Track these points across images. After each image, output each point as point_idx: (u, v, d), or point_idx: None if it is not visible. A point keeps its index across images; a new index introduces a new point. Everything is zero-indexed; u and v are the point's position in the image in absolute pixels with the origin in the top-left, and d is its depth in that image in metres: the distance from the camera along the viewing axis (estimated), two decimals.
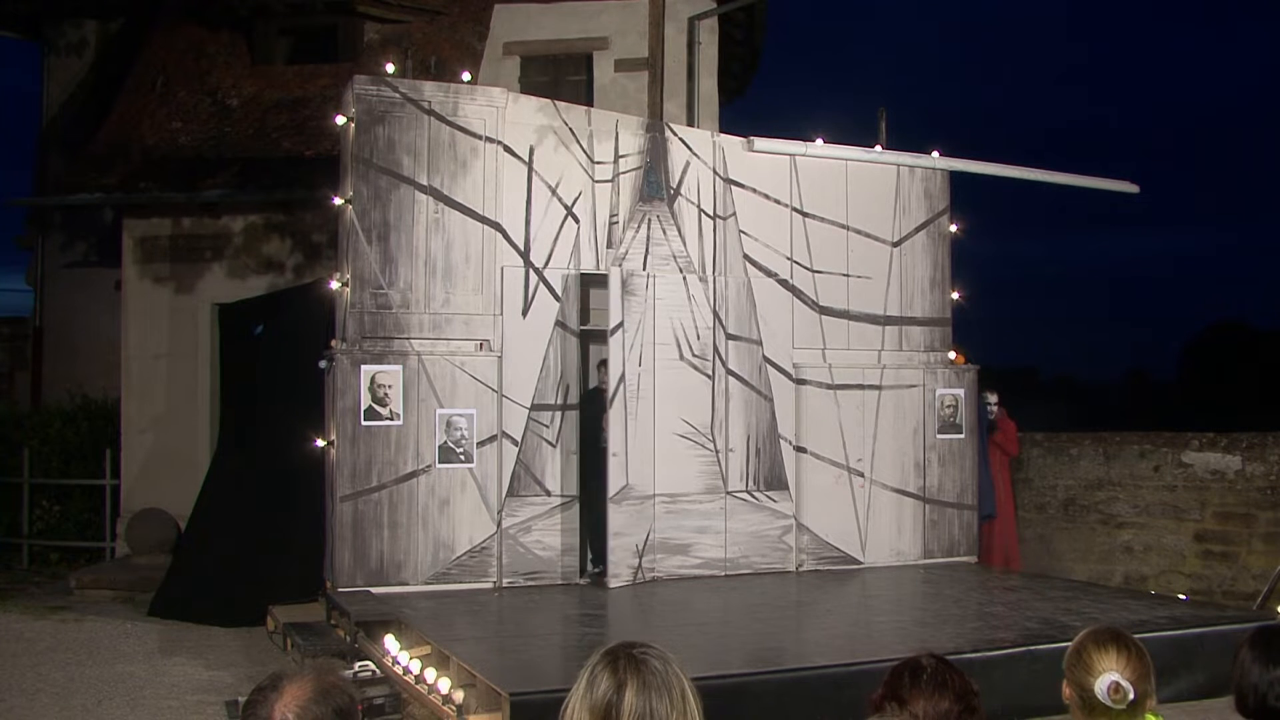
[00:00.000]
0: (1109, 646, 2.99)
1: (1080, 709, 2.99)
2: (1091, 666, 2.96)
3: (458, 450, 9.23)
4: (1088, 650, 3.00)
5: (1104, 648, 2.99)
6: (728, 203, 10.27)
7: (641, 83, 14.12)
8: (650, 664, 2.26)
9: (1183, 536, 11.52)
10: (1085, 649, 3.01)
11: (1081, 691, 2.98)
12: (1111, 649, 2.98)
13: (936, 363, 10.89)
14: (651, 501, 9.72)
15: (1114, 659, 2.96)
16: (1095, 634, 3.06)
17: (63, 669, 8.47)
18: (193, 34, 14.13)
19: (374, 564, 8.97)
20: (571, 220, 9.80)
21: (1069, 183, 11.79)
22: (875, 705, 2.61)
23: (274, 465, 10.06)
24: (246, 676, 8.07)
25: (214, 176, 12.78)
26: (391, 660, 7.22)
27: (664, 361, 9.88)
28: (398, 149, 9.30)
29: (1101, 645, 3.00)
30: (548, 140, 9.78)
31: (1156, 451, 11.71)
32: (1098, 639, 3.03)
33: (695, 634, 7.93)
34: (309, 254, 12.81)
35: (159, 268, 13.00)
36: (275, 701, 2.19)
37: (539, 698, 5.74)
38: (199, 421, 12.78)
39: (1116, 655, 2.97)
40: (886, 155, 10.87)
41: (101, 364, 14.03)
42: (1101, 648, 2.99)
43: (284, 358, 10.53)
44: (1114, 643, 3.00)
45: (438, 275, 9.34)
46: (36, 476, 13.53)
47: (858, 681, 6.21)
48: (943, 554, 10.65)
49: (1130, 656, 2.97)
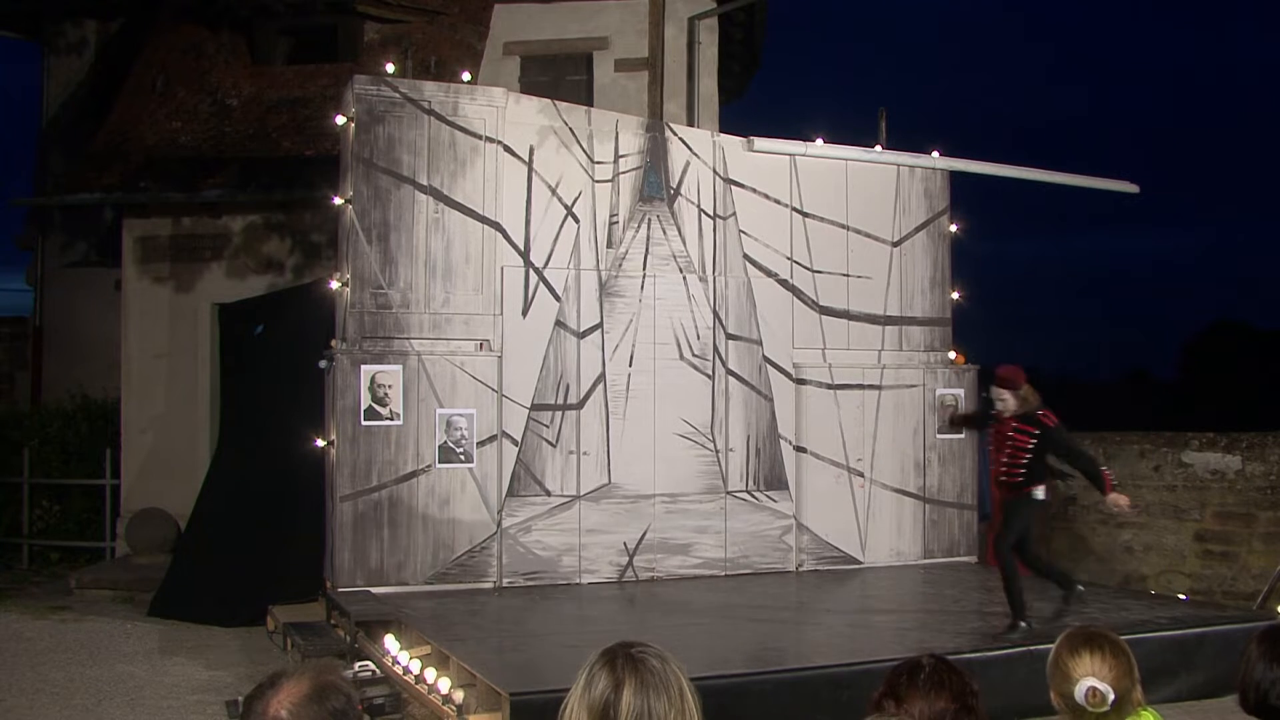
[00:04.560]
0: (1082, 651, 2.99)
1: (1068, 714, 3.00)
2: (1068, 673, 2.97)
3: (458, 450, 9.23)
4: (1062, 657, 3.01)
5: (1077, 653, 2.99)
6: (728, 202, 10.27)
7: (641, 83, 14.12)
8: (648, 663, 2.26)
9: (1183, 536, 11.51)
10: (1060, 656, 3.02)
11: (1064, 699, 2.99)
12: (1084, 653, 2.98)
13: (936, 363, 10.89)
14: (650, 501, 9.74)
15: (1089, 663, 2.96)
16: (1069, 639, 3.06)
17: (63, 669, 8.47)
18: (193, 34, 14.12)
19: (374, 564, 8.97)
20: (571, 220, 9.80)
21: (1069, 183, 11.79)
22: (875, 704, 2.62)
23: (274, 465, 10.05)
24: (246, 676, 8.07)
25: (214, 176, 12.77)
26: (391, 660, 7.22)
27: (664, 361, 9.90)
28: (398, 149, 9.30)
29: (1075, 651, 3.00)
30: (548, 140, 9.78)
31: (1156, 451, 11.70)
32: (1071, 645, 3.03)
33: (695, 634, 7.94)
34: (309, 254, 12.81)
35: (159, 267, 13.00)
36: (273, 700, 2.19)
37: (539, 698, 5.74)
38: (199, 421, 12.78)
39: (1090, 658, 2.97)
40: (886, 155, 10.87)
41: (101, 364, 14.02)
42: (1075, 654, 2.99)
43: (284, 358, 10.53)
44: (1086, 646, 3.00)
45: (438, 275, 9.34)
46: (36, 476, 13.53)
47: (858, 681, 6.22)
48: (943, 554, 10.65)
49: (1105, 657, 2.97)
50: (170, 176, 12.87)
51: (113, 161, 13.06)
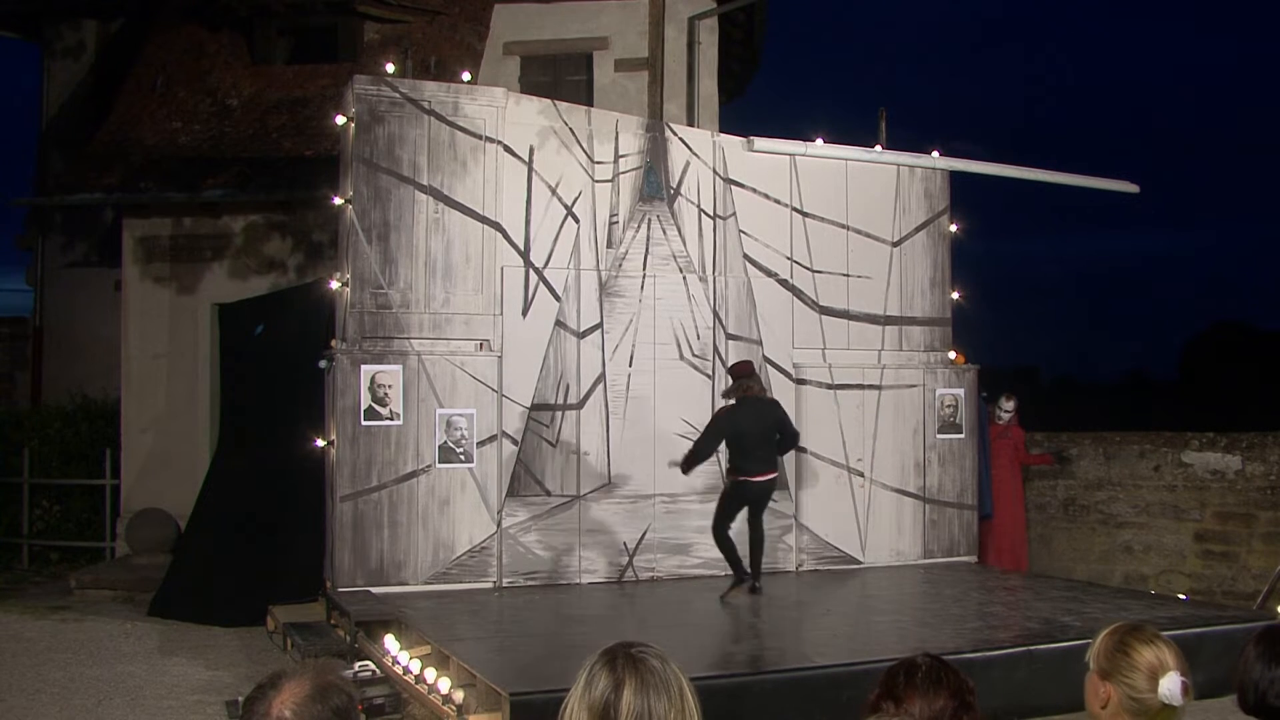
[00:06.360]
0: (1157, 642, 2.83)
1: (1128, 712, 2.81)
2: (1149, 666, 2.80)
3: (458, 450, 9.23)
4: (1136, 649, 2.82)
5: (1153, 644, 2.83)
6: (728, 202, 10.27)
7: (641, 83, 14.12)
8: (648, 663, 2.26)
9: (1183, 536, 11.52)
10: (1132, 648, 2.82)
11: (1133, 693, 2.80)
12: (1161, 644, 2.83)
13: (936, 363, 10.90)
14: (650, 501, 9.75)
15: (1168, 655, 2.81)
16: (1134, 631, 2.87)
17: (63, 669, 8.47)
18: (193, 34, 14.13)
19: (374, 564, 8.98)
20: (571, 220, 9.81)
21: (1069, 182, 11.80)
22: (872, 706, 2.60)
23: (274, 465, 10.05)
24: (246, 676, 8.06)
25: (214, 176, 12.77)
26: (391, 660, 7.22)
27: (664, 361, 9.90)
28: (398, 149, 9.31)
29: (1150, 642, 2.83)
30: (548, 141, 9.79)
31: (1156, 451, 11.71)
32: (1141, 636, 2.85)
33: (695, 634, 7.94)
34: (309, 254, 12.81)
35: (159, 268, 12.99)
36: (274, 699, 2.19)
37: (539, 698, 5.74)
38: (199, 421, 12.77)
39: (1167, 651, 2.82)
40: (886, 155, 10.88)
41: (101, 364, 14.02)
42: (1151, 644, 2.83)
43: (284, 358, 10.53)
44: (1159, 639, 2.84)
45: (438, 275, 9.35)
46: (36, 476, 13.53)
47: (858, 681, 6.21)
48: (943, 554, 10.66)
49: (1176, 651, 2.84)
50: (170, 176, 12.86)
51: (113, 161, 13.06)
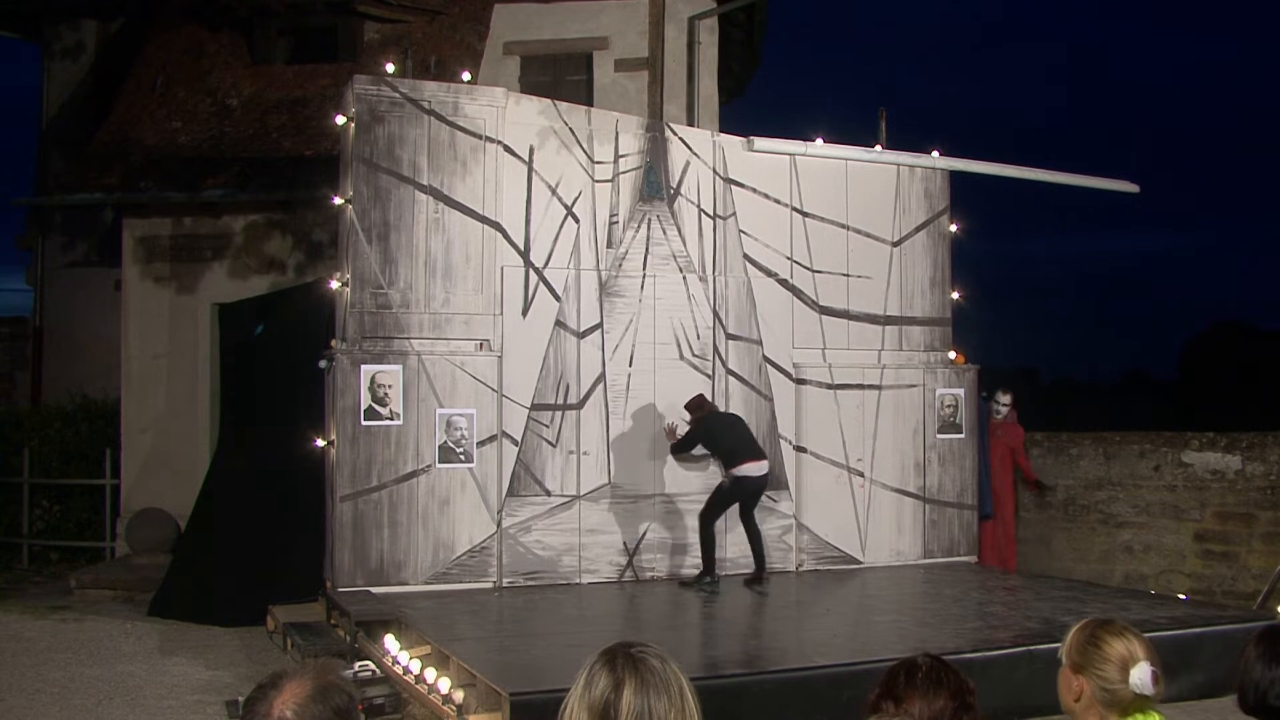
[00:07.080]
0: (1127, 635, 2.89)
1: (1101, 704, 2.87)
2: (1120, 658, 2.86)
3: (458, 450, 9.23)
4: (1106, 642, 2.88)
5: (1123, 636, 2.89)
6: (728, 202, 10.27)
7: (641, 83, 14.12)
8: (648, 663, 2.26)
9: (1183, 536, 11.52)
10: (1103, 640, 2.88)
11: (1105, 684, 2.86)
12: (1131, 637, 2.88)
13: (936, 363, 10.90)
14: (650, 501, 9.75)
15: (1138, 646, 2.87)
16: (1103, 625, 2.94)
17: (63, 669, 8.47)
18: (193, 34, 14.12)
19: (374, 564, 8.98)
20: (571, 220, 9.80)
21: (1069, 182, 11.80)
22: (872, 706, 2.60)
23: (274, 465, 10.05)
24: (246, 676, 8.06)
25: (214, 176, 12.77)
26: (391, 660, 7.22)
27: (664, 361, 9.90)
28: (398, 149, 9.30)
29: (1120, 634, 2.89)
30: (548, 140, 9.79)
31: (1156, 451, 11.71)
32: (1110, 630, 2.91)
33: (695, 634, 7.94)
34: (310, 253, 12.81)
35: (159, 267, 13.00)
36: (275, 699, 2.19)
37: (539, 698, 5.74)
38: (199, 421, 12.77)
39: (1136, 642, 2.88)
40: (886, 155, 10.88)
41: (101, 364, 14.02)
42: (1121, 637, 2.88)
43: (284, 358, 10.52)
44: (1128, 631, 2.90)
45: (438, 275, 9.34)
46: (36, 476, 13.53)
47: (858, 681, 6.21)
48: (943, 554, 10.66)
49: (1144, 642, 2.89)
50: (170, 176, 12.86)
51: (113, 161, 13.06)
